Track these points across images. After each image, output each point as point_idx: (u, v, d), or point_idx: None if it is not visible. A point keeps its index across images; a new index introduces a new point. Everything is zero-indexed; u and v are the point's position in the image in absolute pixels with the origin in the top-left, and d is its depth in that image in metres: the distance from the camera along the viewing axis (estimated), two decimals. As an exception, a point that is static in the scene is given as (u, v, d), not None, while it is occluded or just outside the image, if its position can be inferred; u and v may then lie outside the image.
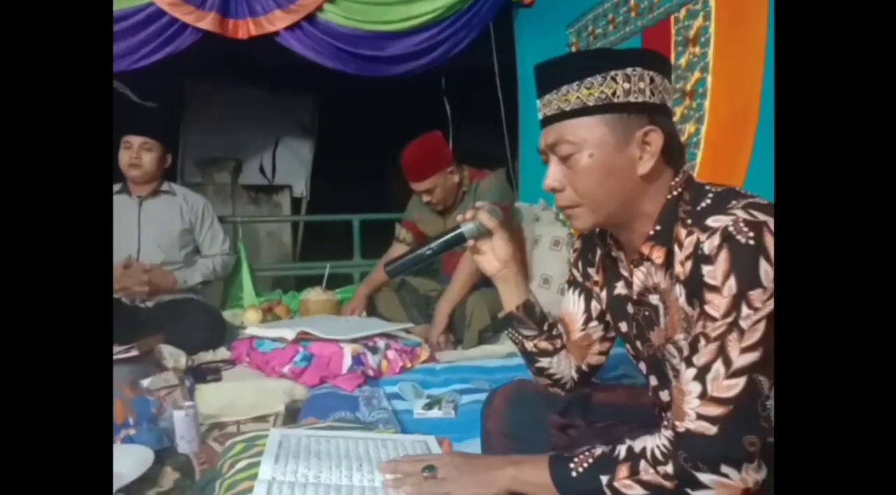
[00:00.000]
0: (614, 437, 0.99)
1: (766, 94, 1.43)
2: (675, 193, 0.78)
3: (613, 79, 0.75)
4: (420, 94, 3.15)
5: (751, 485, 0.66)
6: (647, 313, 0.84)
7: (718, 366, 0.67)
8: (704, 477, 0.66)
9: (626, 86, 0.76)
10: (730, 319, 0.66)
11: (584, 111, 0.77)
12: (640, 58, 0.78)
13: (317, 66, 2.62)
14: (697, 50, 1.68)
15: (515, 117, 2.95)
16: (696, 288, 0.70)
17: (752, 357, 0.66)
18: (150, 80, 2.52)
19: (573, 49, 2.43)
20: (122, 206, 2.15)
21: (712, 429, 0.66)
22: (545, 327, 0.98)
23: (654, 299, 0.82)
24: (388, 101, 3.63)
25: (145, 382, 1.49)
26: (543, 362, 0.99)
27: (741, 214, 0.68)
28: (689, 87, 1.71)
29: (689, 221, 0.74)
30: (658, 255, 0.78)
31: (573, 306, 0.99)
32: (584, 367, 1.00)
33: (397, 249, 2.32)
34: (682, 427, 0.68)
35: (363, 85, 2.80)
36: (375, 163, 4.56)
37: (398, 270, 0.99)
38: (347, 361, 1.57)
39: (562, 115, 0.78)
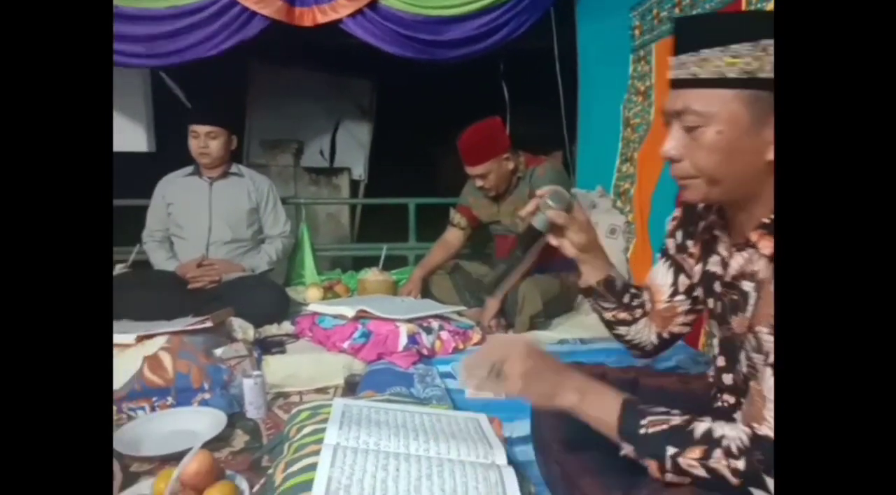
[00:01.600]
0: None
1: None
2: None
3: (765, 50, 0.67)
4: (478, 77, 3.15)
5: None
6: (734, 297, 0.80)
7: None
8: (770, 483, 0.64)
9: None
10: None
11: (721, 82, 0.69)
12: None
13: (376, 49, 2.67)
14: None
15: (574, 102, 2.91)
16: None
17: None
18: (217, 66, 2.64)
19: (636, 33, 2.37)
20: (195, 188, 2.30)
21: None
22: (625, 299, 0.97)
23: (747, 286, 0.78)
24: (446, 85, 3.65)
25: (218, 351, 1.61)
26: (621, 330, 0.99)
27: None
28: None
29: None
30: (766, 246, 0.73)
31: (661, 277, 0.97)
32: (665, 335, 0.99)
33: (451, 233, 2.37)
34: (761, 430, 0.65)
35: (421, 68, 2.82)
36: (432, 147, 4.61)
37: (498, 284, 0.99)
38: (403, 340, 1.63)
39: (695, 82, 0.71)
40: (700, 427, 0.68)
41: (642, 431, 0.70)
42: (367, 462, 0.81)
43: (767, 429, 0.64)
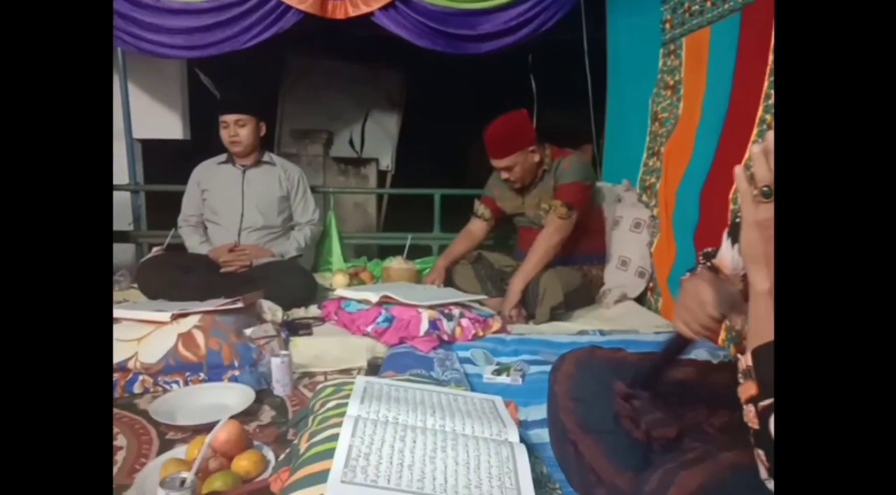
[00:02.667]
0: (677, 413, 1.03)
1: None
2: None
3: None
4: (507, 70, 3.16)
5: None
6: None
7: None
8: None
9: None
10: None
11: None
12: None
13: (407, 42, 2.71)
14: (800, 29, 1.60)
15: (603, 96, 2.91)
16: None
17: None
18: (252, 57, 2.71)
19: (667, 27, 2.35)
20: (229, 175, 2.38)
21: None
22: None
23: None
24: (474, 78, 3.67)
25: (248, 331, 1.68)
26: None
27: None
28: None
29: None
30: None
31: (727, 254, 0.97)
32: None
33: (475, 224, 2.40)
34: None
35: (450, 61, 2.85)
36: (459, 139, 4.63)
37: (649, 382, 0.97)
38: (424, 325, 1.68)
39: None
40: None
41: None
42: (386, 433, 0.86)
43: None
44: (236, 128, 2.29)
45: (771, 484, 0.65)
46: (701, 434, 1.01)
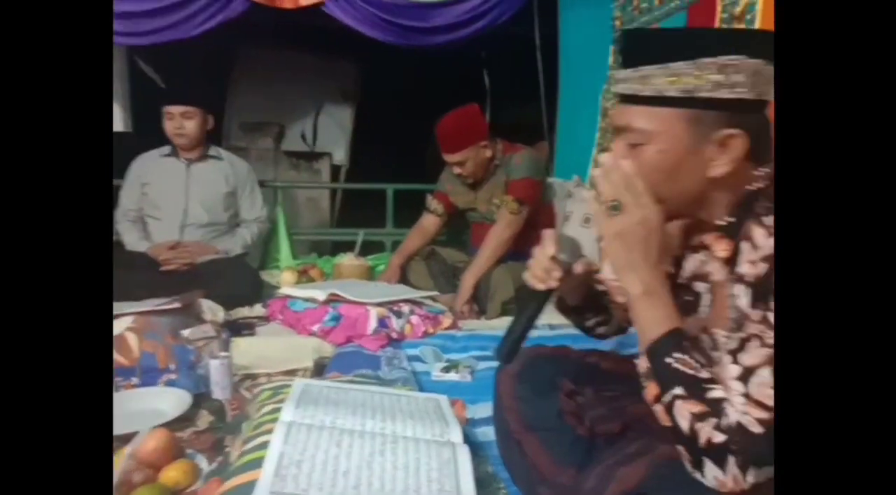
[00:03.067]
0: (620, 407, 1.03)
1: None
2: (756, 186, 0.71)
3: (705, 69, 0.66)
4: (461, 64, 3.14)
5: (737, 490, 0.65)
6: (688, 299, 0.80)
7: (766, 373, 0.63)
8: (732, 465, 0.64)
9: (718, 78, 0.66)
10: None
11: (661, 100, 0.69)
12: (744, 42, 0.68)
13: (361, 33, 2.65)
14: (743, 27, 1.64)
15: (555, 91, 2.92)
16: (764, 293, 0.64)
17: None
18: (201, 47, 2.60)
19: (617, 24, 2.38)
20: (172, 169, 2.27)
21: (758, 428, 0.63)
22: (604, 302, 0.98)
23: (700, 288, 0.78)
24: (428, 71, 3.63)
25: (185, 332, 1.60)
26: (599, 330, 1.02)
27: None
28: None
29: (768, 222, 0.67)
30: (722, 249, 0.73)
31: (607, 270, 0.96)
32: (625, 323, 1.01)
33: (428, 219, 2.37)
34: (734, 416, 0.65)
35: (405, 53, 2.81)
36: (415, 133, 4.59)
37: (511, 354, 0.90)
38: (373, 323, 1.64)
39: (637, 99, 0.71)
40: (716, 392, 0.67)
41: (668, 361, 0.69)
42: (321, 438, 0.82)
43: (738, 415, 0.64)
44: (182, 120, 2.18)
45: (698, 475, 0.67)
46: (644, 426, 1.01)
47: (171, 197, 2.25)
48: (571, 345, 1.15)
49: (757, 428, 0.63)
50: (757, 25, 1.59)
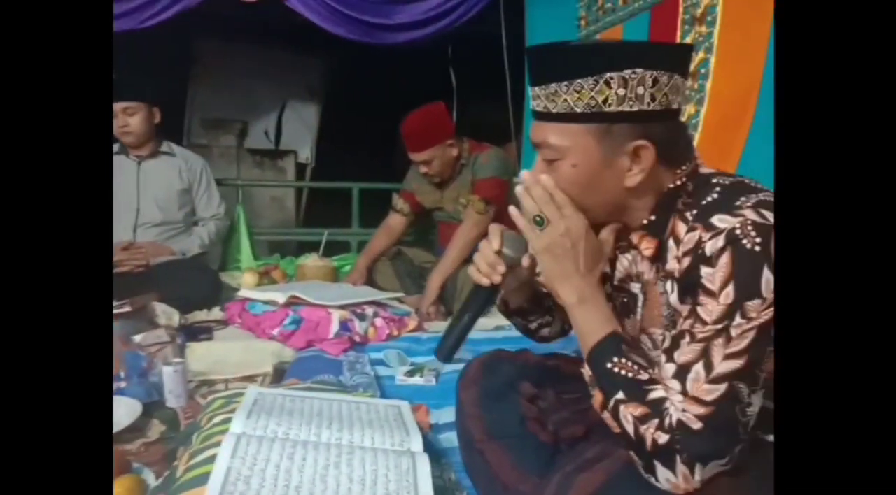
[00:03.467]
0: (582, 410, 1.02)
1: (766, 76, 1.41)
2: (676, 184, 0.73)
3: (607, 83, 0.68)
4: (427, 62, 3.11)
5: (691, 488, 0.65)
6: (625, 300, 0.82)
7: (699, 368, 0.65)
8: (679, 464, 0.64)
9: (622, 92, 0.68)
10: (720, 326, 0.63)
11: (570, 117, 0.70)
12: (643, 55, 0.69)
13: (325, 29, 2.59)
14: (704, 29, 1.65)
15: (522, 89, 2.91)
16: (690, 286, 0.66)
17: (735, 364, 0.63)
18: (154, 38, 2.50)
19: (582, 24, 2.38)
20: (122, 167, 2.18)
21: (697, 425, 0.64)
22: (546, 304, 0.98)
23: (634, 288, 0.80)
24: (395, 68, 3.59)
25: (137, 338, 1.53)
26: (543, 331, 1.02)
27: (750, 215, 0.63)
28: (692, 67, 1.69)
29: (690, 216, 0.69)
30: (647, 247, 0.75)
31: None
32: (567, 326, 1.01)
33: (394, 219, 2.33)
34: (675, 415, 0.66)
35: (372, 50, 2.77)
36: (381, 131, 4.54)
37: (451, 352, 0.88)
38: (335, 326, 1.60)
39: (548, 116, 0.72)
40: (656, 392, 0.68)
41: (608, 366, 0.70)
42: (272, 451, 0.78)
43: (678, 413, 0.65)
44: (125, 117, 2.09)
45: (652, 479, 0.67)
46: (607, 429, 1.00)
47: (122, 196, 2.15)
48: (536, 349, 1.13)
49: (697, 425, 0.63)
50: (717, 27, 1.60)
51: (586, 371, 0.74)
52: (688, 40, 1.71)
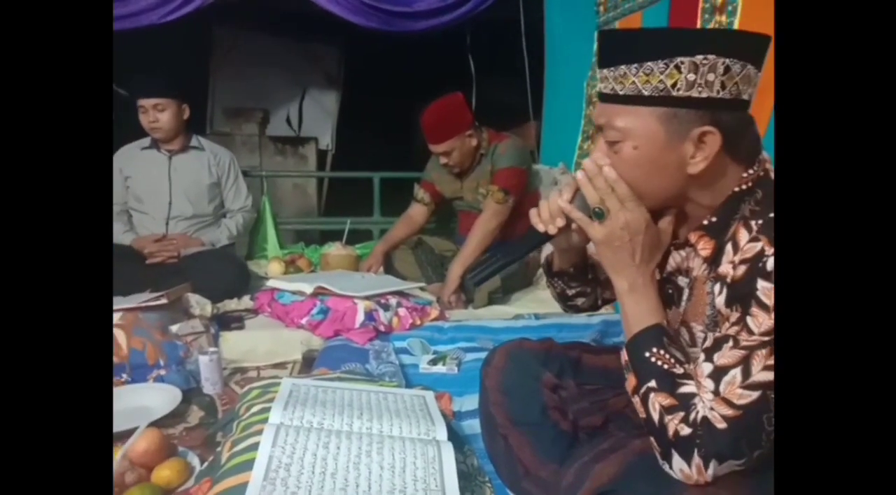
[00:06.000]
0: (601, 400, 1.06)
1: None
2: (742, 187, 0.73)
3: (677, 67, 0.67)
4: (445, 48, 3.11)
5: (701, 481, 0.67)
6: (669, 291, 0.83)
7: (736, 372, 0.66)
8: (696, 457, 0.67)
9: (691, 77, 0.67)
10: (766, 338, 0.65)
11: (637, 99, 0.70)
12: (717, 42, 0.68)
13: (342, 17, 2.61)
14: (724, 19, 1.64)
15: (541, 77, 2.91)
16: (741, 295, 0.67)
17: (772, 375, 0.65)
18: (173, 28, 2.55)
19: (601, 9, 2.36)
20: (153, 162, 2.24)
21: (722, 425, 0.66)
22: (590, 275, 1.00)
23: (681, 282, 0.81)
24: (413, 55, 3.59)
25: (174, 328, 1.61)
26: (578, 301, 1.03)
27: None
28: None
29: (755, 225, 0.69)
30: (705, 248, 0.75)
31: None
32: (607, 296, 1.03)
33: (415, 209, 2.38)
34: (702, 411, 0.68)
35: (389, 37, 2.78)
36: (400, 117, 4.56)
37: (481, 280, 0.88)
38: (360, 317, 1.66)
39: (615, 97, 0.72)
40: (688, 387, 0.70)
41: (647, 355, 0.73)
42: (309, 440, 0.84)
43: (705, 411, 0.67)
44: (155, 113, 2.15)
45: (667, 467, 0.70)
46: (625, 419, 1.04)
47: (154, 190, 2.23)
48: (557, 336, 1.17)
49: (721, 424, 0.66)
50: (738, 17, 1.59)
51: (623, 354, 0.77)
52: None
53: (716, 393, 0.67)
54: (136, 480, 0.98)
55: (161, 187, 2.22)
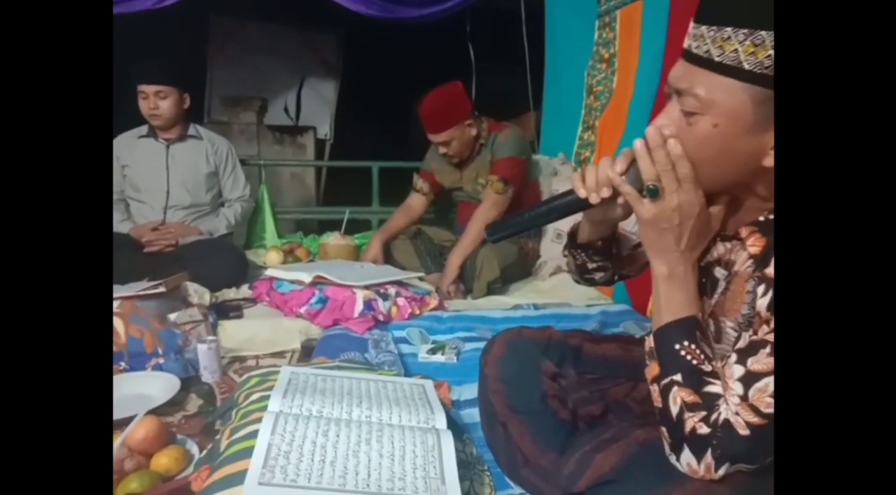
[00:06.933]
0: (601, 390, 1.06)
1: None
2: None
3: None
4: (445, 36, 3.08)
5: (706, 478, 0.66)
6: (703, 281, 0.77)
7: (769, 381, 0.63)
8: (709, 457, 0.65)
9: None
10: None
11: (735, 71, 0.61)
12: None
13: (341, 5, 2.59)
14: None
15: (541, 66, 2.89)
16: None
17: None
18: (169, 16, 2.52)
19: (602, -2, 2.34)
20: (151, 151, 2.23)
21: (745, 431, 0.64)
22: (613, 250, 0.95)
23: (719, 273, 0.76)
24: (413, 43, 3.56)
25: (172, 316, 1.61)
26: (596, 275, 0.98)
27: None
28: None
29: None
30: (755, 245, 0.70)
31: (632, 226, 0.91)
32: (617, 276, 1.00)
33: (414, 199, 2.37)
34: (725, 414, 0.65)
35: (388, 25, 2.76)
36: (400, 106, 4.54)
37: (501, 237, 0.86)
38: (359, 306, 1.66)
39: (707, 62, 0.62)
40: (713, 387, 0.67)
41: (676, 347, 0.69)
42: (308, 428, 0.84)
43: (729, 414, 0.65)
44: (156, 100, 2.13)
45: (674, 459, 0.69)
46: (624, 409, 1.05)
47: (152, 179, 2.22)
48: (556, 325, 1.17)
49: (744, 431, 0.63)
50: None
51: (649, 341, 0.73)
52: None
53: (744, 398, 0.64)
54: (135, 467, 0.98)
55: (159, 176, 2.21)
